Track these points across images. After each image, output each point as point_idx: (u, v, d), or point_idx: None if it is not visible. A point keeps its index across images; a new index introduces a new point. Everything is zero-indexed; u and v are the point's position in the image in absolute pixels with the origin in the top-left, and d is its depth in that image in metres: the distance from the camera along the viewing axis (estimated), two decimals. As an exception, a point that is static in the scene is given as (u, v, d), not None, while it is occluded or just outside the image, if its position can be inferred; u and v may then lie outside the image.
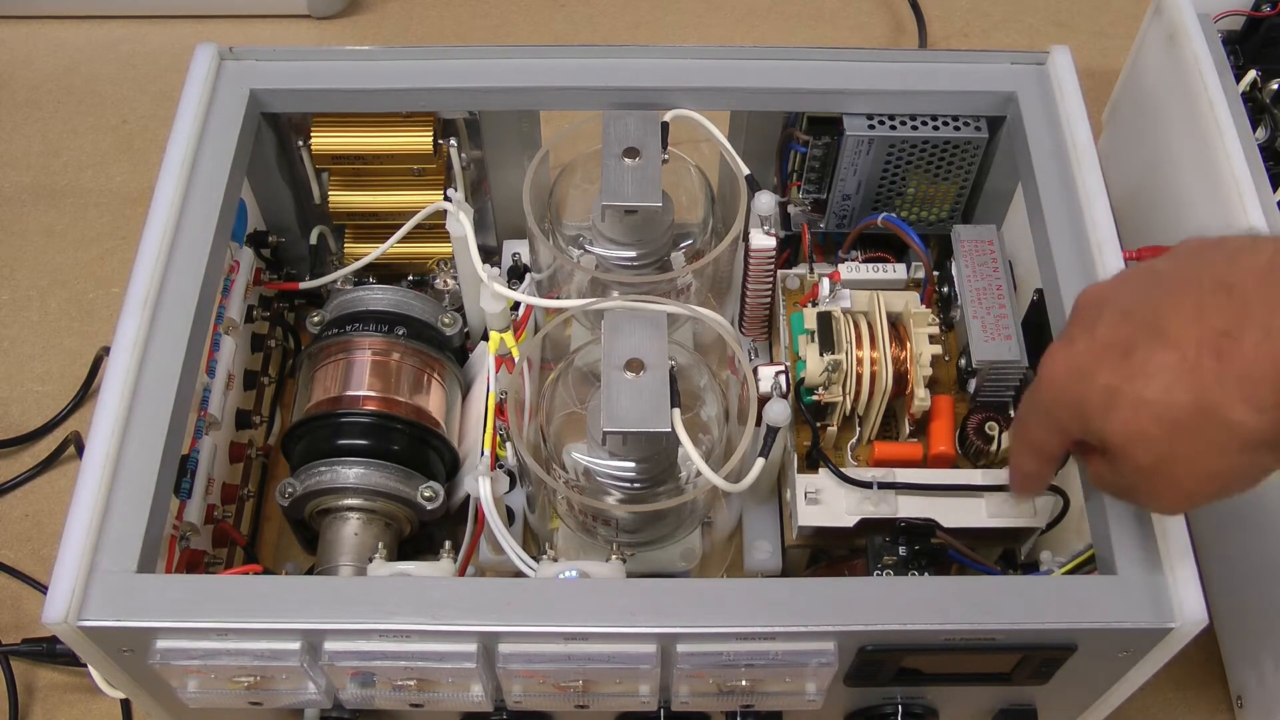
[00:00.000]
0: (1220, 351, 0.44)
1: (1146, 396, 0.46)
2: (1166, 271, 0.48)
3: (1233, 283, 0.45)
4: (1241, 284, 0.44)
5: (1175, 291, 0.46)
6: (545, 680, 0.57)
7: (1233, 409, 0.44)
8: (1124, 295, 0.49)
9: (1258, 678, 0.70)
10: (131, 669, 0.58)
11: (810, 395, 0.67)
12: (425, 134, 0.75)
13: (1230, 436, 0.45)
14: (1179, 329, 0.45)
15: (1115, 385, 0.47)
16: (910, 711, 0.63)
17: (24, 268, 0.93)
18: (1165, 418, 0.46)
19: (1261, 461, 0.46)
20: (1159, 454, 0.47)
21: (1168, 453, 0.47)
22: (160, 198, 0.66)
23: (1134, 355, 0.46)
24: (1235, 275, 0.45)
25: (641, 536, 0.67)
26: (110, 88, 1.04)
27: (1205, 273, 0.46)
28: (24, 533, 0.81)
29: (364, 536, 0.67)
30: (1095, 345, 0.48)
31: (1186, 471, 0.47)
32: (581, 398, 0.66)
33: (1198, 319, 0.45)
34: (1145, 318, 0.47)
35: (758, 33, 1.09)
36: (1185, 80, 0.76)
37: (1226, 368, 0.44)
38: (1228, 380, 0.44)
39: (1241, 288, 0.44)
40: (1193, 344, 0.45)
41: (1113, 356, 0.47)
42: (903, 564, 0.63)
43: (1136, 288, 0.48)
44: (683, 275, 0.70)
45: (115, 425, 0.58)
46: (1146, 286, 0.48)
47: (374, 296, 0.74)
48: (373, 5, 1.11)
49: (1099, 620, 0.54)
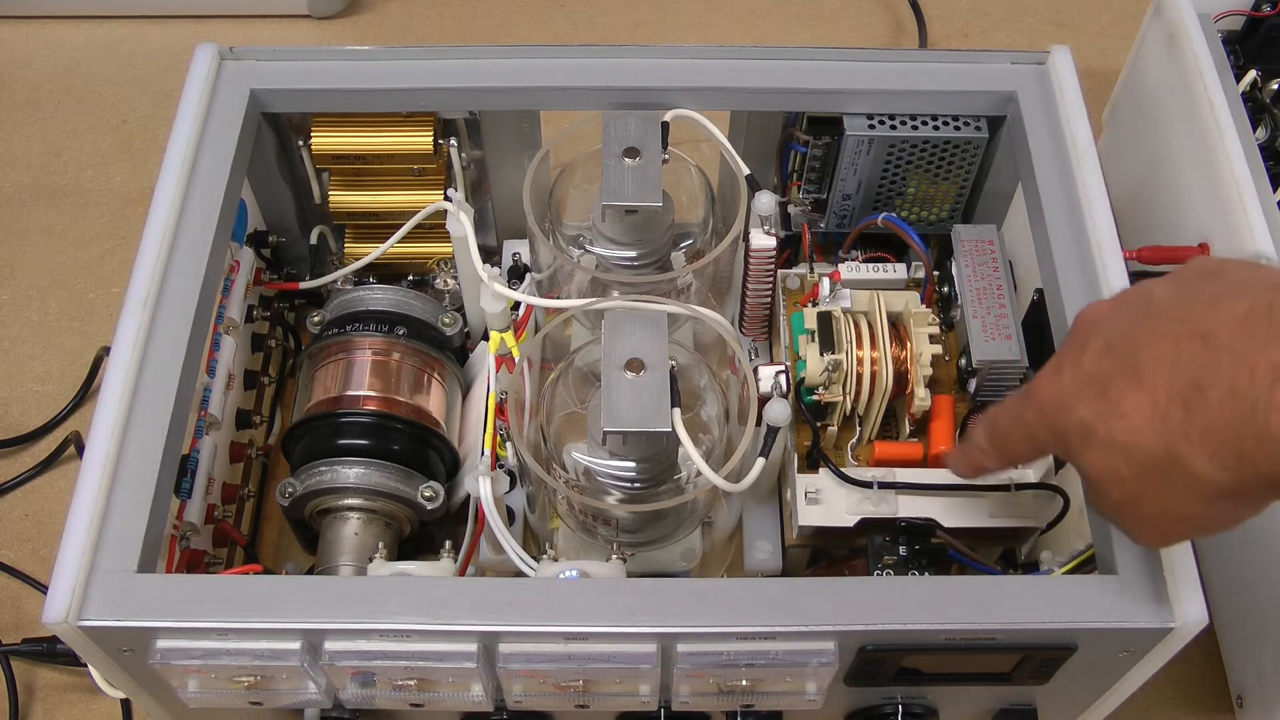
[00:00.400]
0: (1189, 403, 0.44)
1: (1117, 437, 0.46)
2: (1159, 301, 0.47)
3: (1209, 330, 0.44)
4: (1217, 333, 0.44)
5: (1158, 329, 0.46)
6: (545, 680, 0.57)
7: (1196, 462, 0.44)
8: (1114, 323, 0.48)
9: (1258, 678, 0.70)
10: (131, 669, 0.58)
11: (810, 395, 0.67)
12: (425, 134, 0.75)
13: (1195, 486, 0.45)
14: (1154, 372, 0.45)
15: (1090, 422, 0.47)
16: (910, 711, 0.63)
17: (24, 268, 0.93)
18: (1134, 459, 0.46)
19: (1231, 511, 0.46)
20: (1129, 493, 0.47)
21: (1137, 493, 0.47)
22: (160, 198, 0.66)
23: (1110, 392, 0.46)
24: (1213, 322, 0.44)
25: (642, 536, 0.67)
26: (110, 88, 1.04)
27: (1189, 313, 0.45)
28: (24, 533, 0.81)
29: (364, 536, 0.67)
30: (1079, 376, 0.48)
31: (1156, 511, 0.47)
32: (582, 398, 0.66)
33: (1172, 364, 0.45)
34: (1126, 354, 0.47)
35: (758, 33, 1.09)
36: (1185, 80, 0.76)
37: (1193, 421, 0.44)
38: (1193, 434, 0.44)
39: (1216, 337, 0.44)
40: (1164, 390, 0.45)
41: (1092, 390, 0.47)
42: (903, 564, 0.63)
43: (1127, 316, 0.48)
44: (683, 275, 0.70)
45: (115, 425, 0.58)
46: (1135, 317, 0.48)
47: (374, 296, 0.74)
48: (373, 5, 1.11)
49: (1099, 620, 0.54)
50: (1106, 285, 0.63)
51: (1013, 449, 0.54)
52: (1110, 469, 0.47)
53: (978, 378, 0.68)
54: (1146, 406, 0.45)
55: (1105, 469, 0.47)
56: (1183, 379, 0.44)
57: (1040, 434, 0.51)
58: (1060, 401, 0.49)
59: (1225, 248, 0.71)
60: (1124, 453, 0.46)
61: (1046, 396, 0.50)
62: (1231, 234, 0.70)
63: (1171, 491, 0.46)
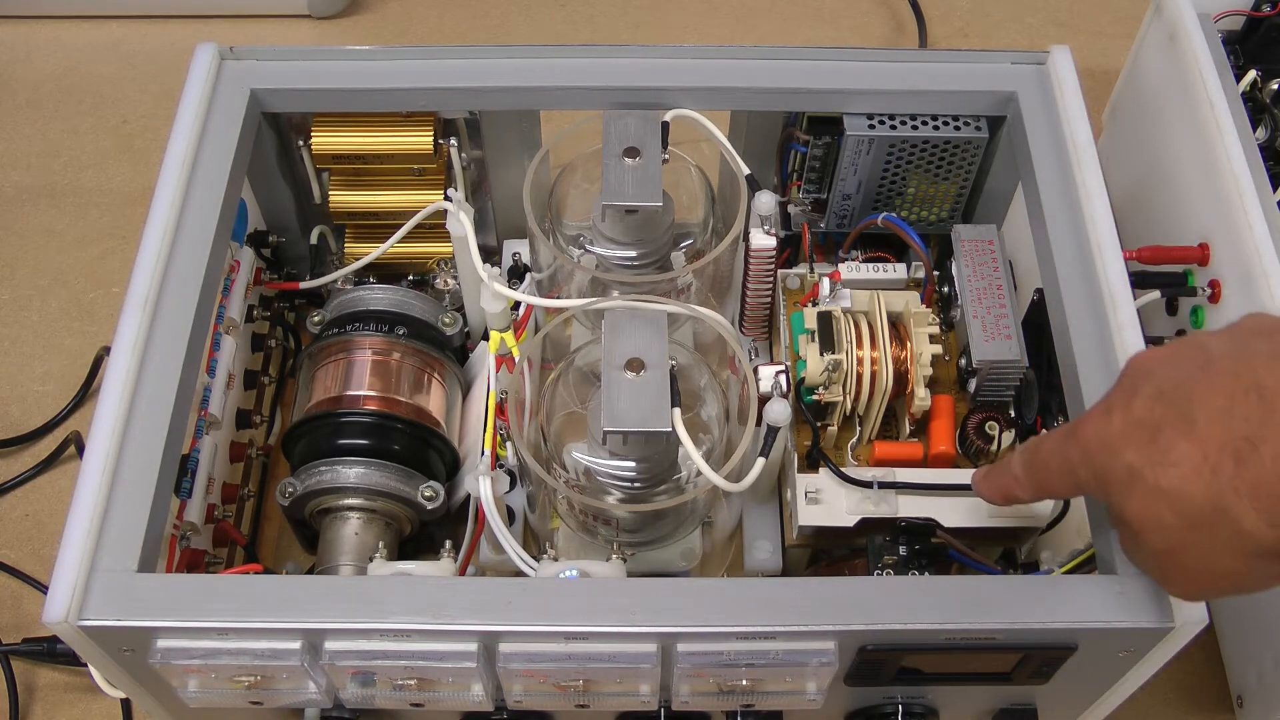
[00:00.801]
0: (1240, 456, 0.44)
1: (1164, 485, 0.46)
2: (1215, 354, 0.47)
3: (1266, 386, 0.44)
4: (1274, 390, 0.44)
5: (1213, 381, 0.46)
6: (546, 680, 0.57)
7: (1244, 518, 0.44)
8: (1167, 372, 0.48)
9: (1258, 678, 0.70)
10: (132, 669, 0.58)
11: (810, 395, 0.67)
12: (425, 134, 0.75)
13: (1242, 541, 0.45)
14: (1206, 423, 0.45)
15: (1138, 467, 0.47)
16: (910, 711, 0.63)
17: (24, 268, 0.93)
18: (1180, 509, 0.46)
19: (1274, 570, 0.46)
20: (1172, 542, 0.47)
21: (1180, 542, 0.47)
22: (160, 198, 0.66)
23: (1159, 439, 0.46)
24: (1271, 378, 0.44)
25: (642, 536, 0.67)
26: (110, 88, 1.04)
27: (1245, 366, 0.45)
28: (24, 532, 0.81)
29: (364, 536, 0.67)
30: (1128, 421, 0.48)
31: (1198, 564, 0.47)
32: (582, 397, 0.66)
33: (1225, 417, 0.45)
34: (1179, 402, 0.46)
35: (758, 33, 1.09)
36: (1185, 80, 0.76)
37: (1243, 475, 0.44)
38: (1243, 488, 0.44)
39: (1273, 394, 0.44)
40: (1216, 442, 0.44)
41: (1141, 436, 0.47)
42: (903, 564, 0.63)
43: (1181, 366, 0.48)
44: (683, 275, 0.70)
45: (115, 425, 0.58)
46: (1190, 368, 0.47)
47: (374, 296, 0.74)
48: (373, 5, 1.11)
49: (1099, 620, 0.54)
50: (1106, 285, 0.63)
51: (1050, 483, 0.54)
52: (1155, 516, 0.47)
53: (978, 378, 0.68)
54: (1197, 457, 0.45)
55: (1149, 516, 0.47)
56: (1236, 432, 0.44)
57: (1082, 473, 0.50)
58: (1107, 443, 0.48)
59: (1225, 248, 0.71)
60: (1170, 501, 0.46)
61: (1093, 437, 0.49)
62: (1231, 234, 0.70)
63: (1216, 544, 0.46)
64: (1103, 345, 0.62)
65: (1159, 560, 0.49)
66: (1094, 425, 0.49)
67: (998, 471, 0.57)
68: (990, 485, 0.58)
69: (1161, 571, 0.50)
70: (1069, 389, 0.63)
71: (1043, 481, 0.54)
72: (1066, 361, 0.63)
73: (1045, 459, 0.53)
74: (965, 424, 0.68)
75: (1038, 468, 0.54)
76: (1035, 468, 0.54)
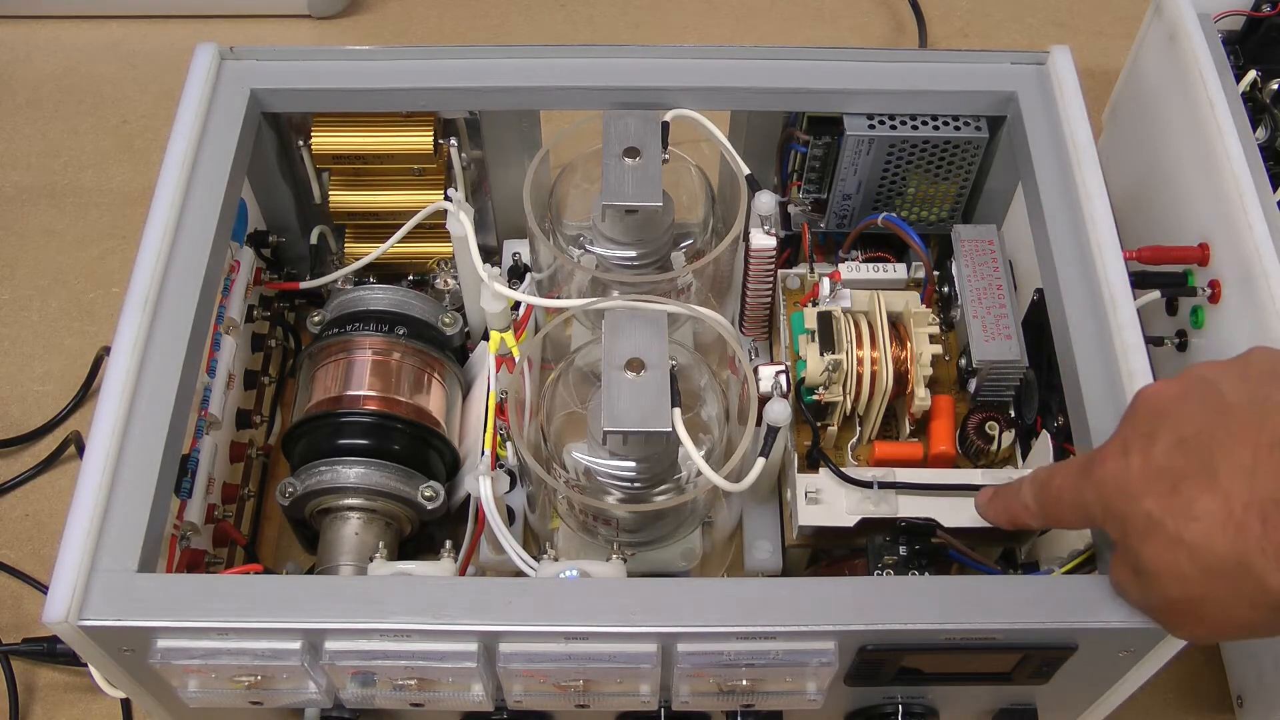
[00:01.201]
0: (1267, 517, 0.44)
1: (1186, 538, 0.46)
2: (1231, 401, 0.47)
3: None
4: None
5: (1235, 433, 0.46)
6: (546, 680, 0.57)
7: (1270, 576, 0.44)
8: (1185, 417, 0.48)
9: (1258, 678, 0.70)
10: (132, 669, 0.58)
11: (810, 395, 0.67)
12: (425, 134, 0.75)
13: (1264, 597, 0.45)
14: (1230, 478, 0.45)
15: (1159, 517, 0.47)
16: (910, 711, 0.63)
17: (24, 268, 0.93)
18: (1202, 563, 0.46)
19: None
20: (1190, 593, 0.47)
21: (1199, 594, 0.47)
22: (160, 198, 0.66)
23: (1181, 490, 0.46)
24: None
25: (642, 536, 0.67)
26: (110, 88, 1.04)
27: (1269, 420, 0.45)
28: (24, 532, 0.81)
29: (364, 536, 0.67)
30: (1148, 468, 0.48)
31: (1214, 614, 0.47)
32: (582, 397, 0.66)
33: (1250, 475, 0.45)
34: (1201, 452, 0.46)
35: (758, 33, 1.09)
36: (1185, 80, 0.76)
37: (1271, 535, 0.44)
38: (1269, 549, 0.44)
39: None
40: (1240, 500, 0.44)
41: (1162, 485, 0.47)
42: (903, 564, 0.63)
43: (1197, 409, 0.48)
44: (683, 275, 0.70)
45: (115, 425, 0.58)
46: (1208, 413, 0.47)
47: (374, 296, 0.74)
48: (373, 5, 1.11)
49: (1099, 620, 0.54)
50: (1106, 285, 0.63)
51: (1061, 516, 0.54)
52: (1174, 566, 0.47)
53: (978, 378, 0.68)
54: (1220, 513, 0.45)
55: (1168, 565, 0.47)
56: (1261, 492, 0.44)
57: (1096, 512, 0.50)
58: (1126, 488, 0.48)
59: (1225, 248, 0.71)
60: (1191, 554, 0.46)
61: (1112, 480, 0.49)
62: (1231, 234, 0.70)
63: (1237, 599, 0.46)
64: (1103, 345, 0.62)
65: (1173, 606, 0.49)
66: (1112, 467, 0.49)
67: (1006, 496, 0.57)
68: (997, 509, 0.58)
69: (1172, 616, 0.50)
70: (1069, 389, 0.63)
71: (1054, 514, 0.54)
72: (1066, 361, 0.63)
73: (1058, 492, 0.53)
74: (965, 424, 0.68)
75: (1050, 501, 0.54)
76: (1047, 501, 0.54)
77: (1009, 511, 0.57)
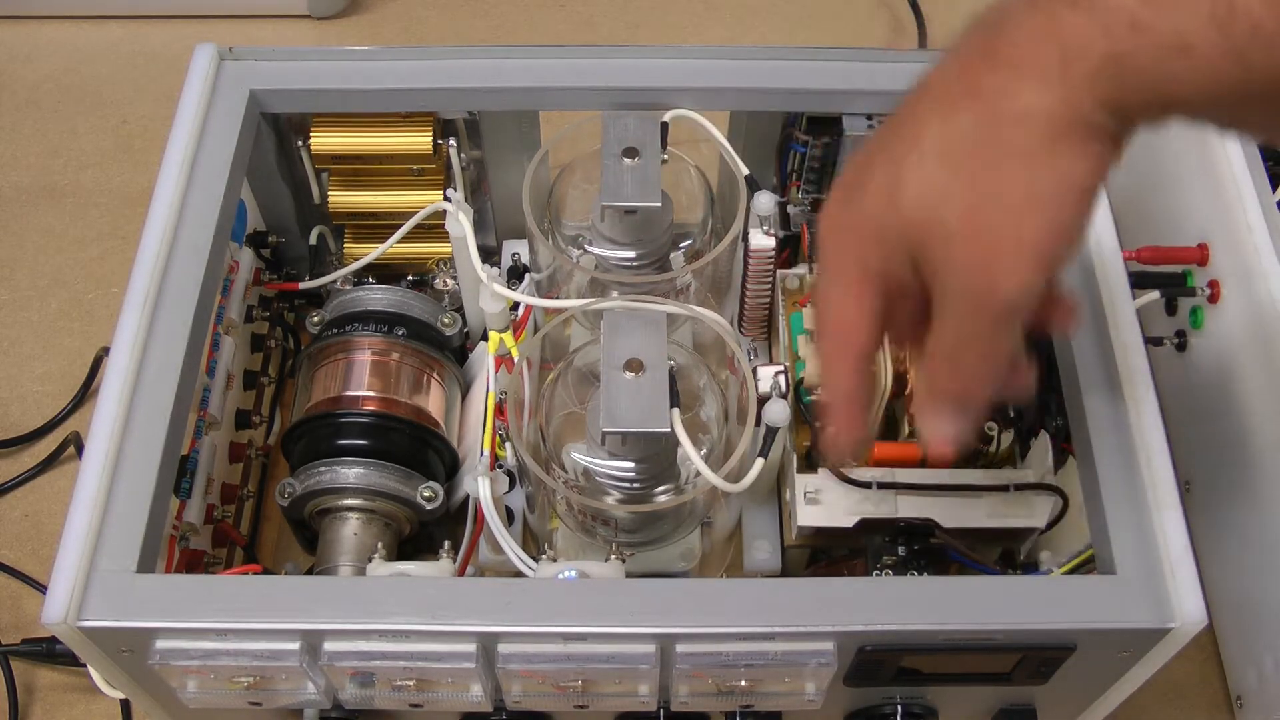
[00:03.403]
0: (989, 52, 0.42)
1: (926, 146, 0.43)
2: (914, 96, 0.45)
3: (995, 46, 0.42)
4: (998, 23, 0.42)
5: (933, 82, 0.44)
6: (545, 680, 0.57)
7: (1012, 98, 0.41)
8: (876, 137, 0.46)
9: (1258, 678, 0.70)
10: (131, 669, 0.58)
11: (810, 395, 0.67)
12: (425, 134, 0.75)
13: (1022, 134, 0.41)
14: (942, 92, 0.43)
15: (893, 168, 0.44)
16: (910, 711, 0.63)
17: (24, 268, 0.93)
18: (951, 153, 0.42)
19: (1070, 166, 0.42)
20: (964, 206, 0.42)
21: (971, 199, 0.42)
22: (160, 198, 0.66)
23: (902, 134, 0.44)
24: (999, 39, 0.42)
25: (641, 536, 0.67)
26: (110, 88, 1.04)
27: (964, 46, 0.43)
28: (24, 533, 0.81)
29: (364, 536, 0.67)
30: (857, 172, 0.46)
31: (998, 213, 0.42)
32: (581, 398, 0.66)
33: (962, 72, 0.43)
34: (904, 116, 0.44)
35: (758, 33, 1.09)
36: (1185, 80, 0.76)
37: (998, 61, 0.41)
38: (998, 68, 0.41)
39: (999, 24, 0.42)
40: (958, 84, 0.42)
41: (884, 158, 0.44)
42: (902, 564, 0.63)
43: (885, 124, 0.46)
44: (682, 275, 0.70)
45: (115, 425, 0.58)
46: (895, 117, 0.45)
47: (374, 296, 0.74)
48: (373, 5, 1.11)
49: (1099, 620, 0.54)
50: (1106, 285, 0.63)
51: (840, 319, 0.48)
52: (932, 186, 0.43)
53: (977, 378, 0.67)
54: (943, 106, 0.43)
55: (927, 192, 0.43)
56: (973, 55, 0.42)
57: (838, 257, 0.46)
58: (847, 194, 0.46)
59: (1224, 248, 0.71)
60: (939, 159, 0.43)
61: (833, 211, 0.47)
62: (1231, 234, 0.70)
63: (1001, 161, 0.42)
64: (1102, 345, 0.62)
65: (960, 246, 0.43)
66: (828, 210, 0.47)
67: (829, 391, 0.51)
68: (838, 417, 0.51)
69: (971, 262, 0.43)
70: (1069, 389, 0.63)
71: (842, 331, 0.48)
72: (1066, 361, 0.63)
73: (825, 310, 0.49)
74: (965, 424, 0.68)
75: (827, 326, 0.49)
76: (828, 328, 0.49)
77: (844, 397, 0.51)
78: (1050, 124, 0.41)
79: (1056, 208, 0.42)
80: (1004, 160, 0.41)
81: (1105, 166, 0.43)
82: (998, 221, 0.42)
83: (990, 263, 0.43)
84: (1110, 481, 0.58)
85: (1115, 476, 0.58)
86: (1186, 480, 0.76)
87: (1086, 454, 0.60)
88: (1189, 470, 0.76)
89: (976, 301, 0.44)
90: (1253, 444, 0.69)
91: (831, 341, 0.49)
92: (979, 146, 0.42)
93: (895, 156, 0.44)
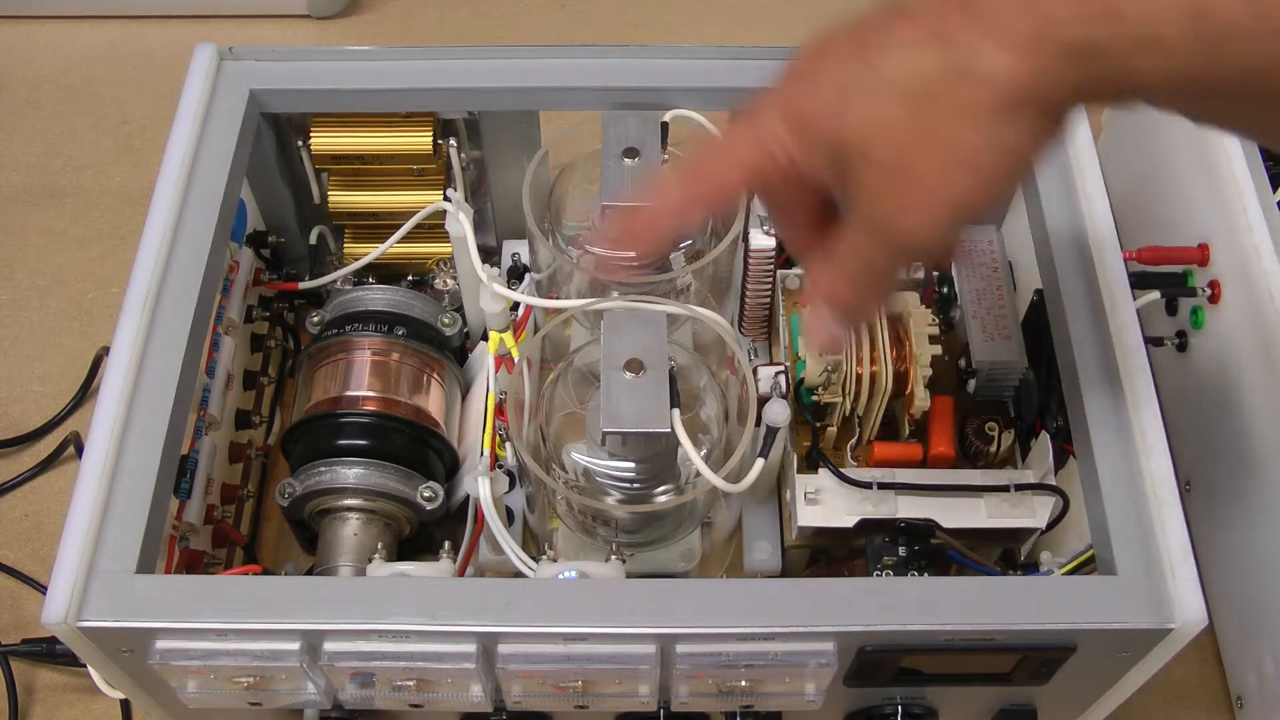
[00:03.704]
0: (969, 5, 0.41)
1: (886, 73, 0.42)
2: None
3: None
4: None
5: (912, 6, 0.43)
6: (545, 680, 0.57)
7: (981, 56, 0.40)
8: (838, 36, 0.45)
9: (1258, 678, 0.70)
10: (131, 669, 0.58)
11: (810, 395, 0.67)
12: (425, 134, 0.75)
13: (982, 93, 0.41)
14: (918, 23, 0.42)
15: (851, 75, 0.43)
16: (910, 712, 0.63)
17: (24, 268, 0.93)
18: (908, 90, 0.42)
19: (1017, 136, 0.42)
20: (903, 141, 0.42)
21: (912, 138, 0.42)
22: (160, 198, 0.66)
23: (870, 40, 0.43)
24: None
25: (641, 537, 0.67)
26: (110, 88, 1.04)
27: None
28: (24, 533, 0.81)
29: (364, 537, 0.67)
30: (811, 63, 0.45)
31: (933, 159, 0.42)
32: (581, 398, 0.66)
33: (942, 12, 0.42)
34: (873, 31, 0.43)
35: (758, 33, 1.09)
36: (1185, 80, 0.76)
37: (976, 15, 0.41)
38: (974, 24, 0.41)
39: None
40: (936, 22, 0.41)
41: (840, 66, 0.44)
42: (902, 564, 0.63)
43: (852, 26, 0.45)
44: (682, 275, 0.70)
45: (115, 425, 0.58)
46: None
47: (373, 296, 0.74)
48: (373, 5, 1.11)
49: (1099, 620, 0.54)
50: (1106, 285, 0.63)
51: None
52: (879, 116, 0.42)
53: (977, 378, 0.68)
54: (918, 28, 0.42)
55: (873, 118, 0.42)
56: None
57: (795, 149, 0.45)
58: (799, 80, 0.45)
59: (1225, 248, 0.71)
60: (895, 87, 0.42)
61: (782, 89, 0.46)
62: (1231, 234, 0.70)
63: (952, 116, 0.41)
64: (1102, 346, 0.62)
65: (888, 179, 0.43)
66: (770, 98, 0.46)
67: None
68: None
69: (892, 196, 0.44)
70: (1069, 390, 0.63)
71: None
72: (1066, 362, 0.63)
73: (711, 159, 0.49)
74: (965, 425, 0.68)
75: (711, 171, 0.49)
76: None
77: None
78: (1011, 92, 0.41)
79: (989, 172, 0.42)
80: (956, 115, 0.42)
81: (1048, 142, 0.43)
82: (930, 169, 0.42)
83: (907, 203, 0.43)
84: (1111, 482, 0.58)
85: (1116, 477, 0.58)
86: (1186, 480, 0.76)
87: (1087, 454, 0.60)
88: (1189, 470, 0.76)
89: (881, 231, 0.45)
90: (1253, 444, 0.69)
91: (695, 160, 0.50)
92: (937, 94, 0.42)
93: (852, 70, 0.44)
